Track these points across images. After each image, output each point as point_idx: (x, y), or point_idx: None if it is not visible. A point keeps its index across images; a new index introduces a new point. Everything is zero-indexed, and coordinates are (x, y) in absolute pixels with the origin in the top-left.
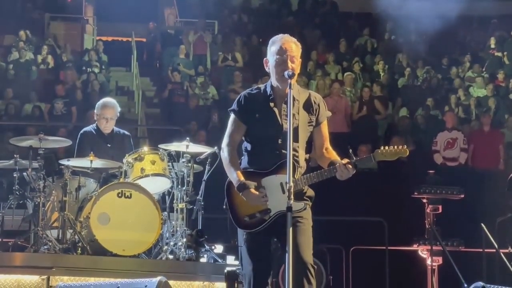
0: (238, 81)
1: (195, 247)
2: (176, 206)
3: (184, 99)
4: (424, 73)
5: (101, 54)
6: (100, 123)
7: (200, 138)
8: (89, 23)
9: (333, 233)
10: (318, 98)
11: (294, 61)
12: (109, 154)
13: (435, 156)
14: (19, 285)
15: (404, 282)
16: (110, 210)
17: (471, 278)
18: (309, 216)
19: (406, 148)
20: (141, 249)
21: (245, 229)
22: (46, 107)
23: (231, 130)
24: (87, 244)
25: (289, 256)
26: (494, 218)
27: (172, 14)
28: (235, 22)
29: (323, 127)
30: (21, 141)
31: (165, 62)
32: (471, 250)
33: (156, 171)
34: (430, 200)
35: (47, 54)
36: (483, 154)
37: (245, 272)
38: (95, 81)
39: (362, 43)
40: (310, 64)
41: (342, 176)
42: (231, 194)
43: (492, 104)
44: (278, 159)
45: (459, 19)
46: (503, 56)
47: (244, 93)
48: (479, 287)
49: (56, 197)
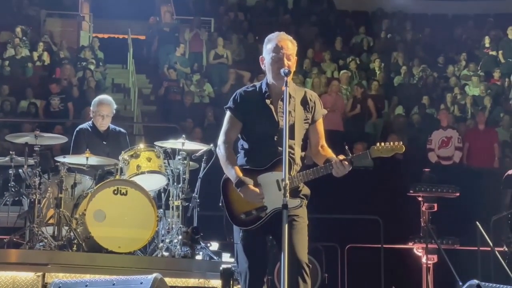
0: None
1: (190, 244)
2: (172, 204)
3: (180, 96)
4: (420, 71)
5: (97, 51)
6: (96, 120)
7: (196, 135)
8: (85, 20)
9: (328, 231)
10: (314, 96)
11: (290, 58)
12: (105, 151)
13: (430, 154)
14: (14, 281)
15: (399, 280)
16: (105, 207)
17: (466, 276)
18: (304, 214)
19: (402, 144)
20: (136, 246)
21: (241, 226)
22: (41, 104)
23: (227, 128)
24: (82, 241)
25: (285, 253)
26: (489, 217)
27: (168, 12)
28: (231, 20)
29: (318, 125)
30: (16, 138)
31: (161, 59)
32: (466, 248)
33: (152, 168)
34: (426, 198)
35: (43, 51)
36: (478, 153)
37: (240, 270)
38: (91, 78)
39: (358, 41)
40: (306, 62)
41: (338, 173)
42: (227, 191)
43: (488, 102)
44: (274, 156)
45: (455, 17)
46: (498, 55)
47: (240, 91)
48: (474, 285)
49: (52, 194)
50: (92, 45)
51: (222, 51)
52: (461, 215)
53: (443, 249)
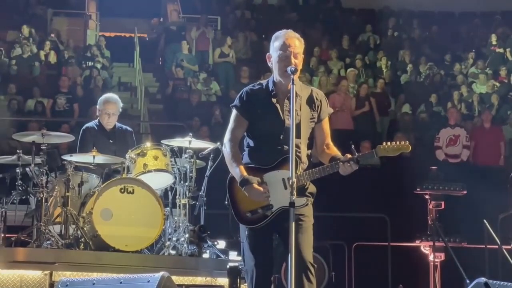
0: (244, 76)
1: (197, 242)
2: (179, 202)
3: (187, 95)
4: (427, 69)
5: (104, 49)
6: (102, 119)
7: (202, 134)
8: (92, 18)
9: (335, 229)
10: (320, 94)
11: (297, 57)
12: (111, 149)
13: (437, 152)
14: (22, 280)
15: (407, 278)
16: (112, 205)
17: (473, 274)
18: (310, 213)
19: (408, 144)
20: (143, 244)
21: (247, 224)
22: (48, 102)
23: (233, 126)
24: (89, 239)
25: (292, 251)
26: (496, 215)
27: (175, 10)
28: (238, 18)
29: (324, 124)
30: (24, 137)
31: (168, 58)
32: (474, 246)
33: (158, 166)
34: (433, 196)
35: (50, 50)
36: (484, 151)
37: (247, 268)
38: (98, 76)
39: (365, 39)
40: (313, 60)
41: (345, 171)
42: (233, 190)
43: (495, 100)
44: (280, 155)
45: (462, 15)
46: (506, 52)
47: (246, 89)
48: (481, 283)
49: (59, 193)
50: (99, 44)
51: (227, 49)
52: (468, 213)
53: (451, 247)
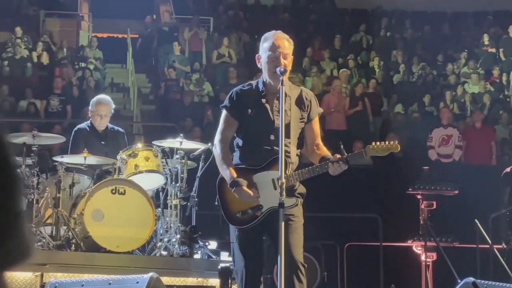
0: (233, 77)
1: (189, 243)
2: (170, 203)
3: (180, 95)
4: (419, 69)
5: (96, 50)
6: (94, 120)
7: (195, 134)
8: (84, 19)
9: (327, 229)
10: (310, 94)
11: (286, 57)
12: (103, 150)
13: (430, 152)
14: (12, 282)
15: (399, 278)
16: (104, 206)
17: (465, 274)
18: (300, 214)
19: (397, 144)
20: (135, 245)
21: (237, 225)
22: (41, 103)
23: (223, 127)
24: (81, 240)
25: (281, 252)
26: (488, 214)
27: (167, 11)
28: (231, 19)
29: (314, 124)
30: (14, 138)
31: (161, 58)
32: (465, 246)
33: (150, 167)
34: (425, 196)
35: (43, 51)
36: (475, 151)
37: (237, 269)
38: (90, 77)
39: (358, 39)
40: (305, 61)
41: (334, 171)
42: (222, 190)
43: (487, 100)
44: (270, 155)
45: (454, 15)
46: (499, 52)
47: (236, 89)
48: (470, 283)
49: (50, 194)
50: (91, 45)
51: (224, 50)
52: (460, 212)
53: (442, 247)
